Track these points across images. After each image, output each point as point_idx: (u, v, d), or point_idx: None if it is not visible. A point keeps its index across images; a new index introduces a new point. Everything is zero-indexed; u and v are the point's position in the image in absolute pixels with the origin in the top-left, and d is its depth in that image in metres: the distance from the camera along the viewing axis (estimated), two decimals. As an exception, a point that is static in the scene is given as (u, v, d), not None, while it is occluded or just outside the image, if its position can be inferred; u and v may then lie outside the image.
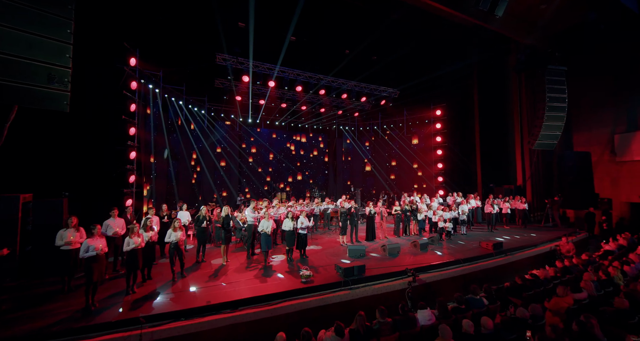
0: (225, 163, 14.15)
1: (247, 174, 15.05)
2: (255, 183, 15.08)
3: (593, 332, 3.68)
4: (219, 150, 13.97)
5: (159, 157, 10.67)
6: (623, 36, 11.32)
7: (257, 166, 15.53)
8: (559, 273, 6.07)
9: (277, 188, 15.34)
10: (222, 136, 13.81)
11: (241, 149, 14.68)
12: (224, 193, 14.06)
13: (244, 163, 15.05)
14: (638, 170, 11.46)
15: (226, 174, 13.79)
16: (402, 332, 4.00)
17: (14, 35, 4.03)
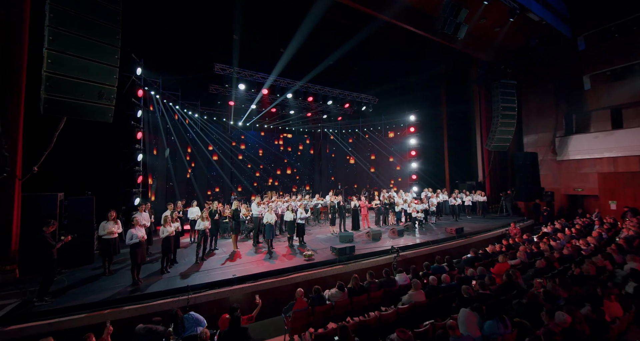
0: (218, 162, 14.98)
1: (238, 171, 15.93)
2: (246, 179, 16.00)
3: (517, 282, 5.32)
4: (211, 148, 14.76)
5: (160, 158, 11.41)
6: (560, 57, 13.65)
7: (247, 162, 16.40)
8: (503, 248, 7.81)
9: (266, 187, 16.38)
10: (215, 136, 14.64)
11: (232, 148, 15.54)
12: (216, 188, 14.90)
13: (235, 161, 15.91)
14: (573, 168, 13.85)
15: (219, 171, 14.67)
16: (385, 289, 5.39)
17: (75, 61, 4.94)
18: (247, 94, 12.86)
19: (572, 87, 13.71)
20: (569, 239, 8.23)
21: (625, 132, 12.37)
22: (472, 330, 3.65)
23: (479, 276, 5.65)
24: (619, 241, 7.66)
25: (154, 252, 7.34)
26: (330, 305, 4.85)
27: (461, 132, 15.42)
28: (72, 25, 4.88)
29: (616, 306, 4.09)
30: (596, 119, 13.50)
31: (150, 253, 7.15)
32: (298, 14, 9.94)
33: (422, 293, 4.93)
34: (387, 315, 4.47)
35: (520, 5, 10.40)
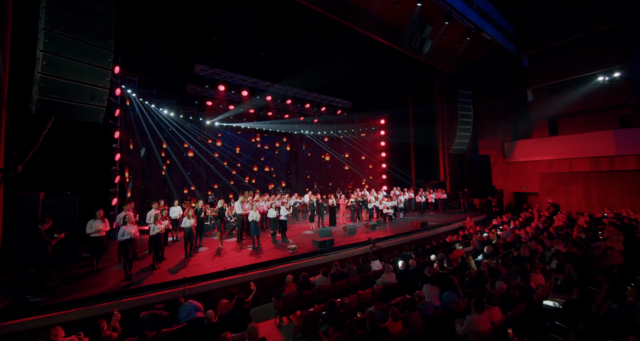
0: (193, 160, 14.91)
1: (214, 169, 15.92)
2: (222, 177, 16.03)
3: (470, 264, 6.39)
4: (186, 145, 14.63)
5: (136, 158, 11.23)
6: (508, 71, 15.61)
7: (224, 160, 16.42)
8: (460, 238, 9.04)
9: (243, 187, 16.57)
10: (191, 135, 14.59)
11: (209, 146, 15.51)
12: (192, 187, 14.83)
13: (212, 159, 15.89)
14: (519, 169, 15.89)
15: (195, 170, 14.63)
16: (362, 274, 6.19)
17: (70, 64, 5.05)
18: (227, 95, 13.06)
19: (518, 98, 15.75)
20: (512, 229, 9.72)
21: (559, 138, 14.54)
22: (434, 299, 4.54)
23: (439, 260, 6.69)
24: (550, 229, 9.25)
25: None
26: (316, 288, 5.52)
27: (425, 136, 16.93)
28: (67, 29, 4.98)
29: (540, 277, 5.23)
30: (537, 127, 15.66)
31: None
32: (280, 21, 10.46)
33: (394, 276, 5.79)
34: (365, 293, 5.25)
35: (475, 26, 11.87)
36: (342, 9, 9.99)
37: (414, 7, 10.29)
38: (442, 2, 10.26)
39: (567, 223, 10.33)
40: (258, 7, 9.29)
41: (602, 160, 13.03)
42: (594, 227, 9.54)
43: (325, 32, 11.13)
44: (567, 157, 14.04)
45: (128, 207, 7.01)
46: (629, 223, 9.16)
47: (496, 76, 15.72)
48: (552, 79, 14.78)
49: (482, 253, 7.42)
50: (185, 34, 10.69)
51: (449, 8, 10.51)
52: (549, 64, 14.79)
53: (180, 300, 4.43)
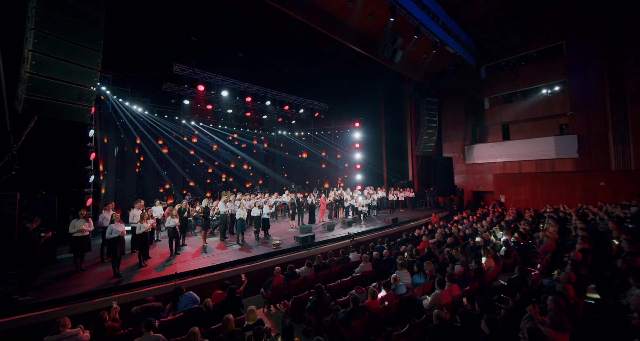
0: (169, 159, 14.65)
1: (190, 167, 15.70)
2: (198, 175, 15.88)
3: (435, 253, 7.29)
4: (161, 142, 14.36)
5: (110, 157, 10.88)
6: (469, 81, 17.25)
7: (200, 158, 16.25)
8: (426, 231, 10.06)
9: (220, 187, 16.54)
10: (166, 134, 14.35)
11: (184, 143, 15.32)
12: (166, 185, 14.58)
13: (187, 157, 15.68)
14: (477, 170, 17.60)
15: (170, 169, 14.39)
16: (342, 265, 6.82)
17: (59, 64, 5.09)
18: (206, 95, 13.06)
19: (476, 106, 17.47)
20: (471, 223, 10.97)
21: (511, 143, 16.39)
22: (406, 281, 5.29)
23: (409, 251, 7.53)
24: (502, 223, 10.61)
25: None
26: (301, 278, 6.05)
27: (396, 139, 18.12)
28: (57, 29, 5.00)
29: (491, 261, 6.23)
30: (492, 132, 17.48)
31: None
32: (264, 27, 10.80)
33: (370, 265, 6.49)
34: (345, 281, 5.88)
35: (440, 40, 13.09)
36: (323, 19, 10.58)
37: (387, 20, 11.13)
38: (411, 18, 11.26)
39: (516, 217, 11.86)
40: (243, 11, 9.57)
41: (545, 162, 14.99)
42: (537, 220, 11.11)
43: (306, 39, 11.64)
44: (517, 160, 15.90)
45: (109, 207, 7.00)
46: (564, 217, 10.79)
47: (458, 86, 17.28)
48: (505, 89, 16.61)
49: (445, 243, 8.41)
50: (163, 32, 10.62)
51: (418, 23, 11.54)
52: (503, 76, 16.60)
53: (182, 288, 4.71)
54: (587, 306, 4.18)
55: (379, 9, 10.85)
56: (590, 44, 13.42)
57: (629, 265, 4.78)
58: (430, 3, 12.15)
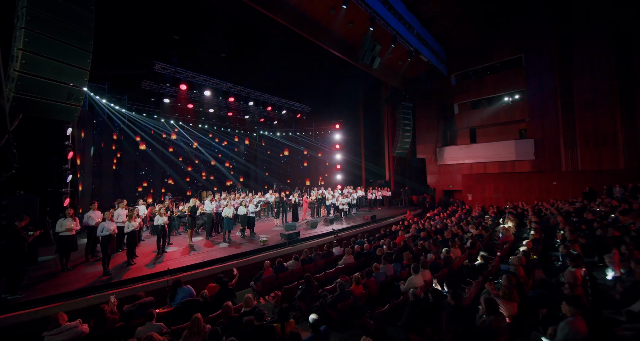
0: (146, 156, 14.33)
1: (169, 165, 15.42)
2: (177, 173, 15.63)
3: (410, 245, 8.00)
4: (139, 138, 14.01)
5: (86, 156, 10.54)
6: (440, 88, 18.50)
7: (179, 155, 15.99)
8: (402, 227, 10.85)
9: (200, 187, 16.39)
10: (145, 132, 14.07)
11: (164, 143, 15.06)
12: (144, 183, 14.28)
13: (167, 157, 15.39)
14: (447, 170, 18.90)
15: (149, 167, 14.11)
16: (326, 258, 7.31)
17: (49, 63, 5.10)
18: (188, 94, 13.00)
19: (447, 111, 18.76)
20: (442, 219, 11.94)
21: (477, 145, 17.81)
22: (387, 269, 5.88)
23: (387, 244, 8.20)
24: (468, 218, 11.67)
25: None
26: (289, 271, 6.45)
27: (374, 141, 18.99)
28: (48, 29, 5.01)
29: (458, 251, 7.02)
30: (461, 136, 18.87)
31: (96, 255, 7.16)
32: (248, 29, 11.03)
33: (352, 257, 7.04)
34: (330, 272, 6.38)
35: (415, 49, 14.03)
36: (306, 25, 11.01)
37: (366, 28, 11.80)
38: (389, 28, 12.03)
39: (482, 213, 13.04)
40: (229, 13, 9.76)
41: (507, 164, 16.50)
42: (499, 216, 12.32)
43: (290, 43, 12.02)
44: (482, 161, 17.33)
45: (94, 206, 6.97)
46: (522, 212, 12.06)
47: (431, 91, 18.48)
48: (472, 96, 18.02)
49: (418, 237, 9.19)
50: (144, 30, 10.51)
51: (395, 33, 12.35)
52: (470, 84, 18.01)
53: (181, 282, 4.94)
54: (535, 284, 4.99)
55: (359, 18, 11.48)
56: (545, 58, 15.02)
57: (568, 250, 5.70)
58: (406, 14, 13.02)
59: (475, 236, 8.44)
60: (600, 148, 13.82)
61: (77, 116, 5.75)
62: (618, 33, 13.01)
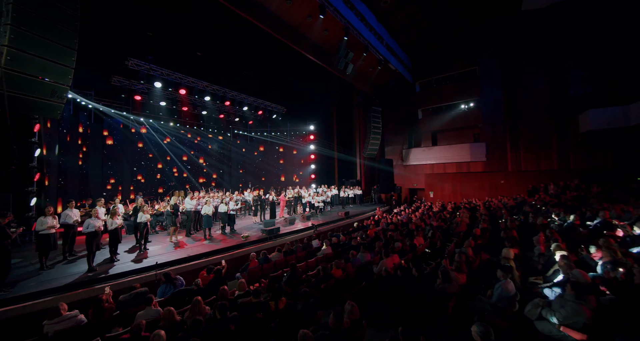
0: (115, 153, 13.80)
1: (138, 162, 14.93)
2: (147, 171, 15.18)
3: (380, 236, 8.90)
4: (106, 133, 13.46)
5: (51, 153, 10.01)
6: (406, 94, 20.00)
7: (149, 151, 15.53)
8: (373, 222, 11.82)
9: (171, 187, 16.04)
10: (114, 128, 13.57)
11: (133, 139, 14.58)
12: (112, 179, 13.74)
13: (137, 153, 14.89)
14: (412, 170, 20.45)
15: (117, 164, 13.60)
16: (306, 250, 7.93)
17: (34, 60, 5.11)
18: (163, 92, 12.81)
19: (412, 115, 20.32)
20: (407, 214, 13.14)
21: (438, 148, 19.54)
22: (365, 256, 6.65)
23: (361, 236, 9.04)
24: (430, 213, 12.99)
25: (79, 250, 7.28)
26: (273, 262, 6.97)
27: (346, 142, 19.98)
28: (33, 26, 5.02)
29: (421, 240, 8.04)
30: (424, 139, 20.55)
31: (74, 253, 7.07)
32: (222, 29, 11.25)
33: (330, 248, 7.74)
34: (311, 261, 7.01)
35: (384, 58, 15.18)
36: (285, 30, 11.54)
37: (340, 36, 12.60)
38: (361, 37, 12.98)
39: (441, 208, 14.51)
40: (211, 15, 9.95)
41: (463, 164, 18.36)
42: (455, 210, 13.84)
43: (268, 46, 12.43)
44: (442, 162, 19.07)
45: (72, 204, 6.88)
46: (474, 207, 13.68)
47: (398, 97, 19.92)
48: (434, 103, 19.74)
49: (387, 229, 10.16)
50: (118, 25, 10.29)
51: (367, 43, 13.33)
52: (432, 92, 19.72)
53: (171, 274, 5.24)
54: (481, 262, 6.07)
55: (334, 26, 12.25)
56: (494, 72, 17.04)
57: (507, 235, 6.92)
58: (377, 26, 14.09)
59: (436, 227, 9.61)
60: (539, 152, 16.05)
61: (59, 114, 5.73)
62: (553, 58, 15.28)
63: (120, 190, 13.37)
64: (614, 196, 10.80)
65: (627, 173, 13.30)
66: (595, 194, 11.43)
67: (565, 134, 15.20)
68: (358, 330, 3.31)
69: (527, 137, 16.23)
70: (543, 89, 15.63)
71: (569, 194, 12.08)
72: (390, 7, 13.96)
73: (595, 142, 14.48)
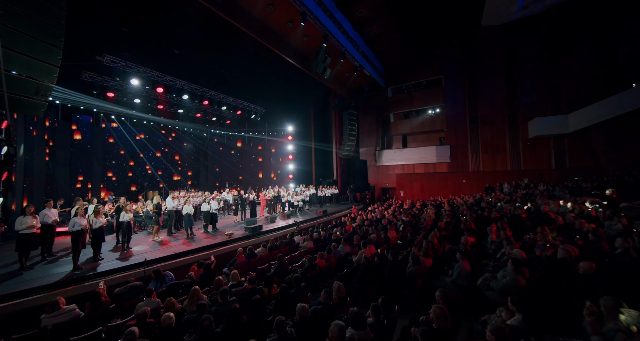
0: (84, 150, 13.19)
1: (108, 159, 14.36)
2: (117, 168, 14.65)
3: (357, 231, 9.62)
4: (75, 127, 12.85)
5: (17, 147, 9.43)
6: (379, 99, 21.15)
7: (120, 148, 14.99)
8: (350, 218, 12.56)
9: (146, 187, 15.59)
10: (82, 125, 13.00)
11: (103, 136, 14.03)
12: (80, 177, 13.15)
13: (107, 149, 14.31)
14: (384, 170, 21.64)
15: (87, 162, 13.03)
16: (289, 245, 8.41)
17: (19, 58, 5.07)
18: (140, 90, 12.53)
19: (385, 119, 21.53)
20: (381, 211, 14.08)
21: (408, 150, 20.90)
22: (345, 248, 7.28)
23: (340, 231, 9.70)
24: (401, 209, 14.04)
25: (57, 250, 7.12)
26: (259, 257, 7.37)
27: (323, 143, 20.66)
28: (19, 24, 4.99)
29: (394, 233, 8.87)
30: (396, 141, 21.84)
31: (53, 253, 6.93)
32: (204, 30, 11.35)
33: (312, 243, 8.30)
34: (295, 255, 7.51)
35: (359, 64, 16.05)
36: (266, 33, 11.89)
37: (319, 42, 13.21)
38: (339, 45, 13.69)
39: (411, 205, 15.68)
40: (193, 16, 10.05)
41: (430, 165, 19.83)
42: (423, 207, 15.05)
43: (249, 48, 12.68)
44: (412, 163, 20.45)
45: (50, 204, 6.76)
46: (439, 204, 14.98)
47: (372, 102, 21.01)
48: (404, 108, 21.09)
49: (363, 225, 10.94)
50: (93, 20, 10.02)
51: (344, 50, 14.08)
52: (403, 97, 21.06)
53: (160, 270, 5.47)
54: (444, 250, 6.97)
55: (313, 33, 12.82)
56: (458, 82, 18.67)
57: (466, 226, 7.95)
58: (353, 34, 14.90)
59: (406, 222, 10.55)
60: (495, 154, 17.88)
61: (42, 112, 5.69)
62: (506, 70, 17.13)
63: (90, 188, 12.81)
64: (556, 193, 12.54)
65: (566, 173, 15.38)
66: (540, 192, 13.15)
67: (517, 139, 17.13)
68: (344, 304, 3.91)
69: (485, 141, 18.00)
70: (499, 98, 17.47)
71: (520, 192, 13.75)
72: (365, 18, 14.85)
73: (541, 146, 16.51)
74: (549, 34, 15.72)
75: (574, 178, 14.47)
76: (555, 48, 15.61)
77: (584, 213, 7.72)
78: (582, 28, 14.57)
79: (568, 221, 6.99)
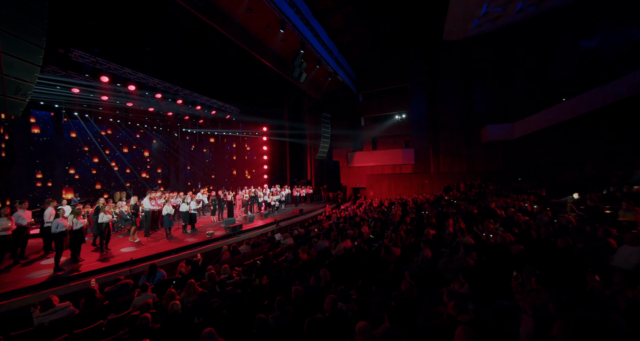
0: (44, 148, 12.37)
1: (70, 157, 13.53)
2: (82, 167, 13.87)
3: (333, 228, 10.36)
4: (33, 120, 12.01)
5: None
6: (352, 103, 22.21)
7: (83, 145, 14.20)
8: (325, 217, 13.28)
9: (112, 187, 14.92)
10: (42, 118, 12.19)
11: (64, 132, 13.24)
12: (38, 174, 12.31)
13: (69, 148, 13.49)
14: (355, 172, 22.76)
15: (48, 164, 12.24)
16: (270, 242, 8.88)
17: (4, 58, 4.99)
18: (112, 87, 12.07)
19: (356, 122, 22.65)
20: (353, 209, 15.01)
21: (378, 152, 22.21)
22: (324, 243, 7.94)
23: (318, 228, 10.37)
24: (371, 207, 15.10)
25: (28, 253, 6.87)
26: (242, 254, 7.76)
27: (298, 145, 21.20)
28: (1, 23, 4.92)
29: (366, 228, 9.74)
30: (366, 143, 23.06)
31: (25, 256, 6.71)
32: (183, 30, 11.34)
33: (292, 239, 8.86)
34: (277, 251, 8.02)
35: (333, 70, 16.87)
36: (245, 37, 12.16)
37: (297, 47, 13.72)
38: (315, 52, 14.36)
39: (380, 204, 16.86)
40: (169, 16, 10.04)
41: (397, 166, 21.30)
42: (390, 205, 16.29)
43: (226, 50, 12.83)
44: (380, 164, 21.78)
45: (25, 205, 6.56)
46: (405, 202, 16.32)
47: (345, 106, 21.99)
48: (374, 113, 22.40)
49: (338, 222, 11.73)
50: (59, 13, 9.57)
51: (319, 56, 14.77)
52: (373, 103, 22.36)
53: (156, 266, 5.68)
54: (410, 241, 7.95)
55: (290, 38, 13.32)
56: (422, 90, 20.31)
57: (428, 221, 9.06)
58: (328, 42, 15.67)
59: (376, 218, 11.54)
60: (453, 157, 19.76)
61: (21, 111, 5.59)
62: (463, 80, 19.07)
63: (51, 187, 12.04)
64: (503, 192, 14.42)
65: (512, 174, 17.57)
66: (490, 191, 14.98)
67: (472, 143, 19.14)
68: (330, 287, 4.56)
69: (445, 145, 19.83)
70: (456, 106, 19.36)
71: (473, 191, 15.52)
72: (339, 26, 15.71)
73: (492, 150, 18.64)
74: (498, 51, 17.86)
75: (518, 179, 16.63)
76: (503, 64, 17.78)
77: (522, 208, 9.23)
78: (522, 48, 16.87)
79: (509, 215, 8.35)
